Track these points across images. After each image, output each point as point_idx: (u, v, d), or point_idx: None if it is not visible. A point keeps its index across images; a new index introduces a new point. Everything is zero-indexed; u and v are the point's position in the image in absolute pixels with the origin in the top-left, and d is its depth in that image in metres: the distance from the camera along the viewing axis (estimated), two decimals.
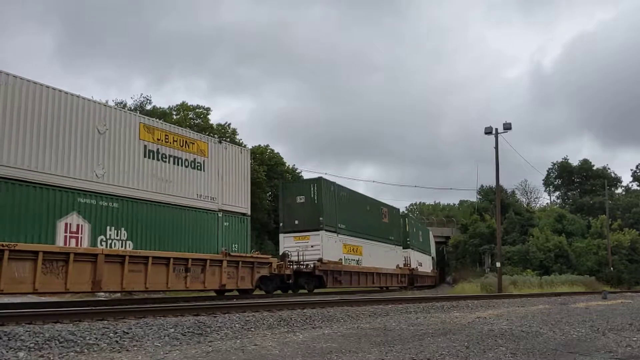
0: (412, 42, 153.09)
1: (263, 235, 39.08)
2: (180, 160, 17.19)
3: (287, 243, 24.84)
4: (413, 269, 37.45)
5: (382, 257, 31.19)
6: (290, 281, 22.24)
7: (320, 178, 25.95)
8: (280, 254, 23.74)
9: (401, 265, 34.76)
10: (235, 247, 18.62)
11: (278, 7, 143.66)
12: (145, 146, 16.18)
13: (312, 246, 23.99)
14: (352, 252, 27.32)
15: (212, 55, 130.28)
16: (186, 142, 17.62)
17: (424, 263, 43.03)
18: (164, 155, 16.73)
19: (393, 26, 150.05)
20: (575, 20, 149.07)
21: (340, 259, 25.46)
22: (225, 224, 18.29)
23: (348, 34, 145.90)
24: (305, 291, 22.96)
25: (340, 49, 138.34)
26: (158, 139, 16.67)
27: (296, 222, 24.90)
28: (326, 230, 24.73)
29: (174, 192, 16.72)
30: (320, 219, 24.52)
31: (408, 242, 38.16)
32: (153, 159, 16.34)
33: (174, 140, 17.19)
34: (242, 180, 19.52)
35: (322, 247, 24.15)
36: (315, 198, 24.88)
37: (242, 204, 19.38)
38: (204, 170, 17.97)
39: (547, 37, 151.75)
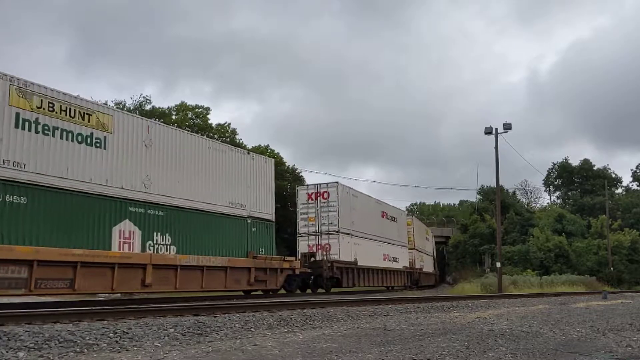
0: (415, 51, 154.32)
1: None
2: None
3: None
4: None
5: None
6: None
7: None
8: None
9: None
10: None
11: (287, 16, 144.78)
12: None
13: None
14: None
15: (220, 60, 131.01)
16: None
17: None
18: None
19: (396, 37, 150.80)
20: (572, 28, 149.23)
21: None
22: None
23: (353, 43, 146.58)
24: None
25: (345, 58, 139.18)
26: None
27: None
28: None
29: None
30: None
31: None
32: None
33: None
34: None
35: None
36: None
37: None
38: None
39: (546, 44, 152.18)
